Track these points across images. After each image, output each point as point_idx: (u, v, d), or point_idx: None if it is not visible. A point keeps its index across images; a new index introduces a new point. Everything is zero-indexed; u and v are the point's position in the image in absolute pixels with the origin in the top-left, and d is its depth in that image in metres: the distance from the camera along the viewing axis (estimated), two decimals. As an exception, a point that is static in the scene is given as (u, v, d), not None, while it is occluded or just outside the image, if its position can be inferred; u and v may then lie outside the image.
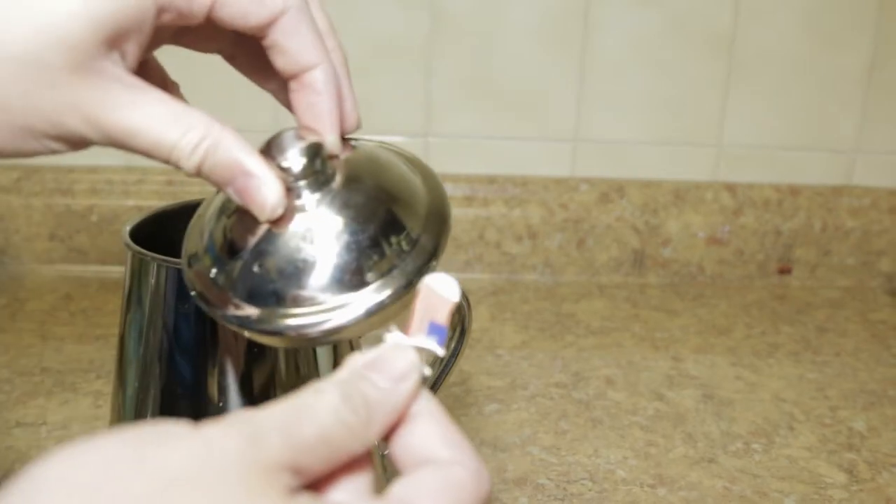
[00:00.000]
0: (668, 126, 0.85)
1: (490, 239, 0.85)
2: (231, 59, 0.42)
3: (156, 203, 0.55)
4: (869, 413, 0.66)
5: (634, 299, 0.83)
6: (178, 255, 0.45)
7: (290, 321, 0.35)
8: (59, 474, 0.24)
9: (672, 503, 0.56)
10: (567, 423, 0.64)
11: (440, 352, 0.31)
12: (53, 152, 0.36)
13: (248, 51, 0.41)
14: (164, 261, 0.44)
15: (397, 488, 0.28)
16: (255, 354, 0.45)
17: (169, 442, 0.25)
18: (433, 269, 0.38)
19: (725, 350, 0.75)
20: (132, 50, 0.35)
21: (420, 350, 0.30)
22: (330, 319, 0.35)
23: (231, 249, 0.37)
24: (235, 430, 0.26)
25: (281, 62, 0.38)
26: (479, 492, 0.29)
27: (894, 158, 0.87)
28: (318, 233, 0.36)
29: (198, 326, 0.44)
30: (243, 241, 0.37)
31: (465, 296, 0.54)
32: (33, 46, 0.33)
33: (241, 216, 0.38)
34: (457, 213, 0.84)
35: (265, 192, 0.35)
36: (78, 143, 0.35)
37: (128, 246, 0.46)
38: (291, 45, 0.37)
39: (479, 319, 0.77)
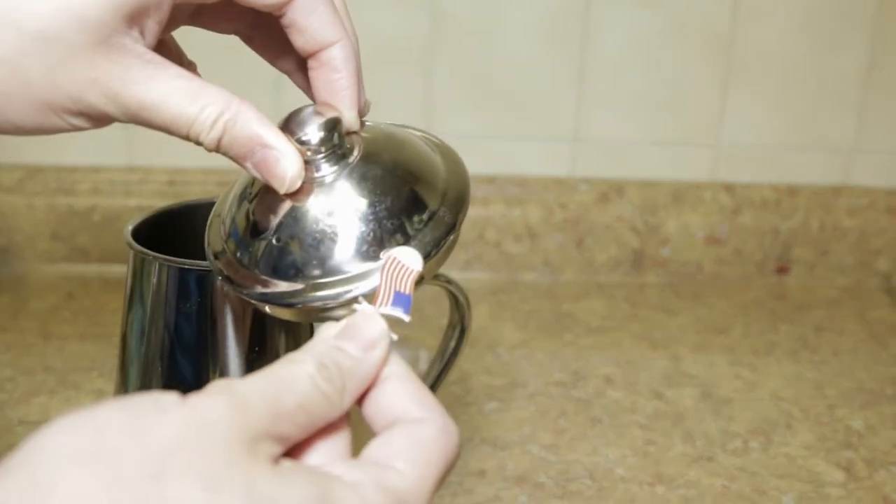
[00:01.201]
0: (666, 126, 0.86)
1: (490, 238, 0.86)
2: (248, 40, 0.42)
3: (158, 203, 0.55)
4: (867, 412, 0.67)
5: (633, 299, 0.83)
6: (179, 255, 0.45)
7: (312, 293, 0.36)
8: (57, 444, 0.24)
9: (670, 501, 0.57)
10: (566, 421, 0.64)
11: (406, 318, 0.32)
12: (76, 129, 0.36)
13: (265, 32, 0.41)
14: (165, 260, 0.45)
15: (369, 451, 0.30)
16: (256, 353, 0.45)
17: (160, 412, 0.26)
18: (452, 244, 0.38)
19: (724, 349, 0.75)
20: (151, 27, 0.35)
21: (388, 318, 0.32)
22: (351, 290, 0.35)
23: (254, 230, 0.38)
24: (222, 401, 0.26)
25: (300, 40, 0.38)
26: (447, 446, 0.30)
27: (892, 158, 0.87)
28: (337, 205, 0.36)
29: (199, 326, 0.45)
30: (265, 220, 0.38)
31: (464, 295, 0.55)
32: (54, 23, 0.33)
33: (261, 198, 0.38)
34: (457, 212, 0.84)
35: (284, 164, 0.36)
36: (99, 118, 0.36)
37: (130, 245, 0.46)
38: (310, 23, 0.37)
39: (478, 318, 0.77)
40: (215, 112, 0.35)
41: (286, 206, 0.37)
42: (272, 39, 0.41)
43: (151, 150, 0.85)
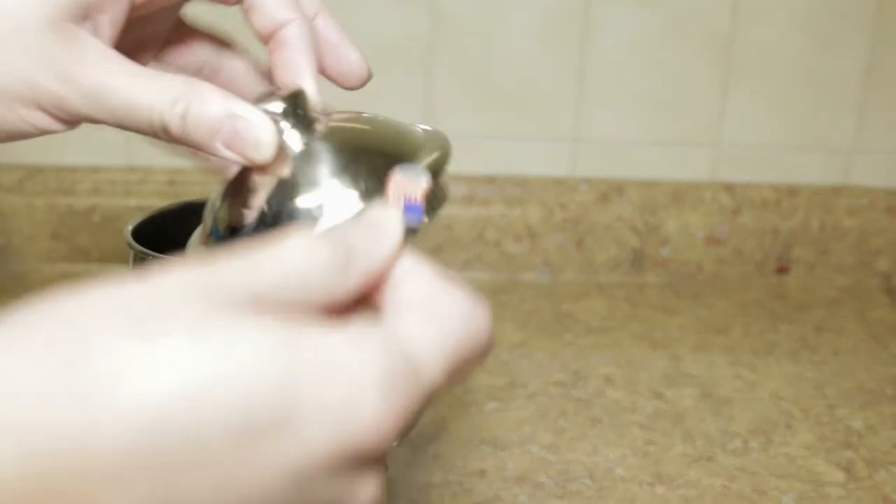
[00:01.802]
0: (667, 126, 0.86)
1: (490, 238, 0.86)
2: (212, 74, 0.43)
3: (157, 203, 0.55)
4: (867, 412, 0.67)
5: (633, 298, 0.83)
6: (179, 255, 0.45)
7: None
8: (41, 311, 0.24)
9: (670, 501, 0.57)
10: (566, 421, 0.64)
11: (417, 227, 0.30)
12: (40, 131, 0.35)
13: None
14: (165, 260, 0.45)
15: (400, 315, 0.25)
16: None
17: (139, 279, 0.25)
18: (434, 194, 0.36)
19: (724, 349, 0.75)
20: (105, 23, 0.35)
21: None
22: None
23: (232, 222, 0.37)
24: (197, 264, 0.25)
25: (258, 22, 0.39)
26: (473, 326, 0.27)
27: (892, 158, 0.87)
28: (315, 169, 0.35)
29: (199, 325, 0.45)
30: (242, 207, 0.36)
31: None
32: (9, 4, 0.33)
33: (234, 195, 0.37)
34: (456, 212, 0.84)
35: (256, 129, 0.34)
36: (56, 108, 0.35)
37: (129, 245, 0.46)
38: (266, 2, 0.38)
39: (478, 318, 0.77)
40: (176, 91, 0.34)
41: (262, 185, 0.35)
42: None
43: (151, 150, 0.84)
